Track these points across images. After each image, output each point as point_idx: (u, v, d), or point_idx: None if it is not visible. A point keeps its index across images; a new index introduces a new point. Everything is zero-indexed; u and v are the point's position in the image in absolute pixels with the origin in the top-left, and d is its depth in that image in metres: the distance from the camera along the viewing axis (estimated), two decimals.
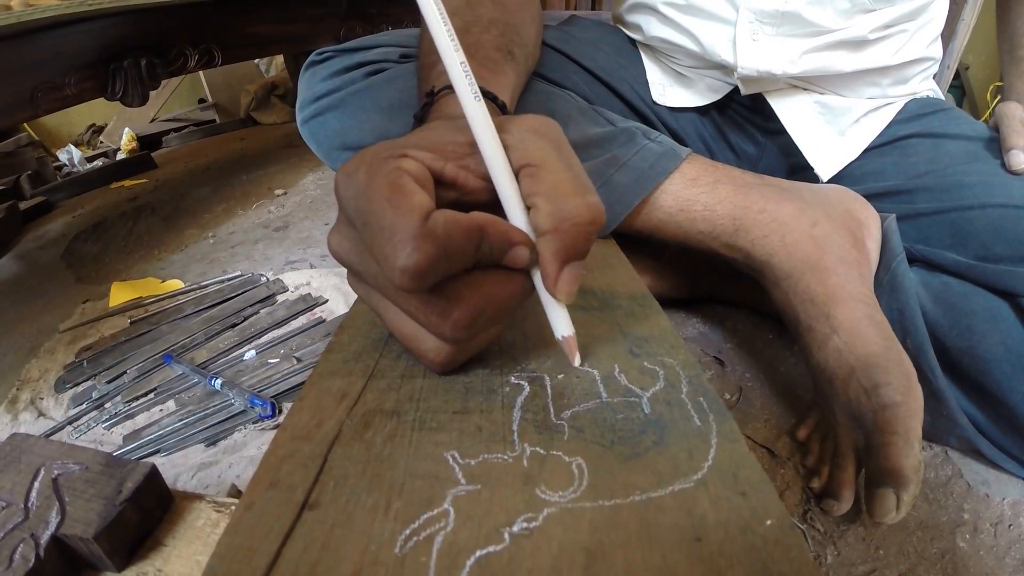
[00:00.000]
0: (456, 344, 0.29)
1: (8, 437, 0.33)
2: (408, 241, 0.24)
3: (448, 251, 0.25)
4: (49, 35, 0.90)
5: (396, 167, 0.27)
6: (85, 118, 2.61)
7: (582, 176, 0.29)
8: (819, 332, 0.51)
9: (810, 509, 0.52)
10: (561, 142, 0.30)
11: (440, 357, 0.30)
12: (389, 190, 0.26)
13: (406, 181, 0.26)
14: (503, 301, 0.29)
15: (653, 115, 0.74)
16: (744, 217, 0.54)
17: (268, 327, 0.84)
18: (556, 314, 0.31)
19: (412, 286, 0.25)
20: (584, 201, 0.28)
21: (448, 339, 0.29)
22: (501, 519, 0.22)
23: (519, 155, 0.29)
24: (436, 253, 0.25)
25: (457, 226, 0.26)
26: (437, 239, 0.25)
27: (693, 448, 0.26)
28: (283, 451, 0.26)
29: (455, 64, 0.29)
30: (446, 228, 0.25)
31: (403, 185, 0.26)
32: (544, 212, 0.28)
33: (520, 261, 0.28)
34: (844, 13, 0.61)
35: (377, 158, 0.27)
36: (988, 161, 0.59)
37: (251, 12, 1.27)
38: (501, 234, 0.27)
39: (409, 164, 0.27)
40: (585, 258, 0.29)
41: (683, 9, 0.67)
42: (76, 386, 0.77)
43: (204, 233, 1.22)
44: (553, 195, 0.28)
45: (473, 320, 0.28)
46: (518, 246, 0.28)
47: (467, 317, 0.27)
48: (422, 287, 0.26)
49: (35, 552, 0.27)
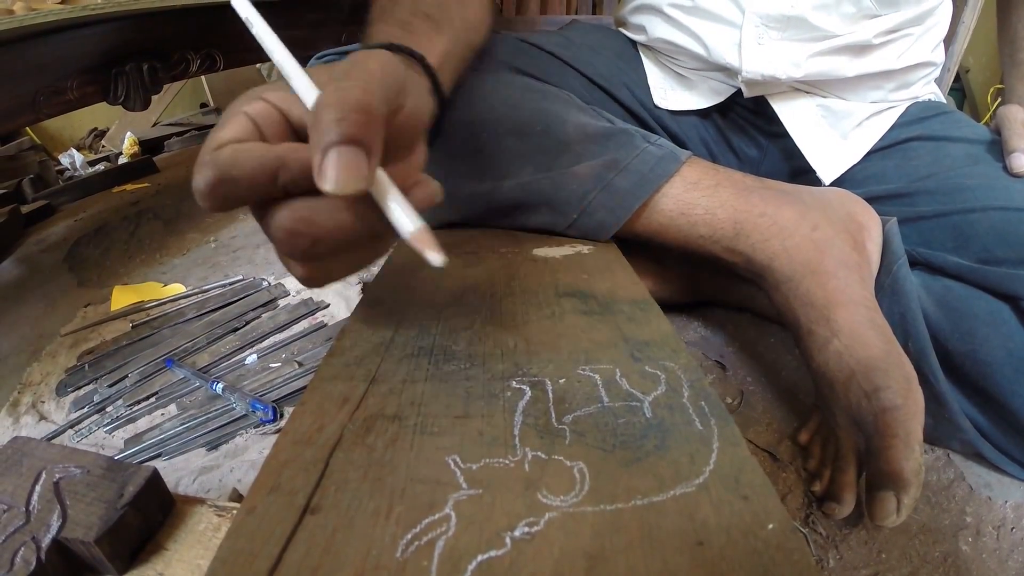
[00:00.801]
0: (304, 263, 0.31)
1: (9, 440, 0.33)
2: (197, 166, 0.27)
3: (233, 176, 0.26)
4: (51, 39, 0.90)
5: (239, 109, 0.29)
6: (87, 122, 2.61)
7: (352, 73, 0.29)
8: (819, 336, 0.51)
9: (812, 513, 0.52)
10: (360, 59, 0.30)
11: (296, 272, 0.31)
12: (216, 128, 0.29)
13: (234, 119, 0.29)
14: (332, 228, 0.28)
15: (652, 120, 0.74)
16: (745, 221, 0.54)
17: (270, 331, 0.84)
18: (393, 211, 0.28)
19: (204, 205, 0.27)
20: (332, 87, 0.27)
21: (291, 257, 0.30)
22: (503, 524, 0.22)
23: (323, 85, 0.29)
24: (216, 178, 0.26)
25: (247, 154, 0.27)
26: (218, 165, 0.26)
27: (695, 452, 0.26)
28: (284, 455, 0.26)
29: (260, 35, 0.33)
30: (233, 156, 0.27)
31: (225, 123, 0.29)
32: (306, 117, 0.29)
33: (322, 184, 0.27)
34: (849, 18, 0.61)
35: (237, 102, 0.30)
36: (989, 164, 0.59)
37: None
38: (301, 161, 0.27)
39: (254, 107, 0.30)
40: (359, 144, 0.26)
41: (689, 11, 0.68)
42: (77, 390, 0.77)
43: (206, 237, 1.22)
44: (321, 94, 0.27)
45: (293, 242, 0.28)
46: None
47: (283, 238, 0.28)
48: (212, 208, 0.28)
49: (36, 556, 0.27)
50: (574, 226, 0.55)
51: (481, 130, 0.55)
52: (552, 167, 0.55)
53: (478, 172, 0.56)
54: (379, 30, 0.45)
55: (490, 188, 0.56)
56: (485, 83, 0.58)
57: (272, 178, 0.27)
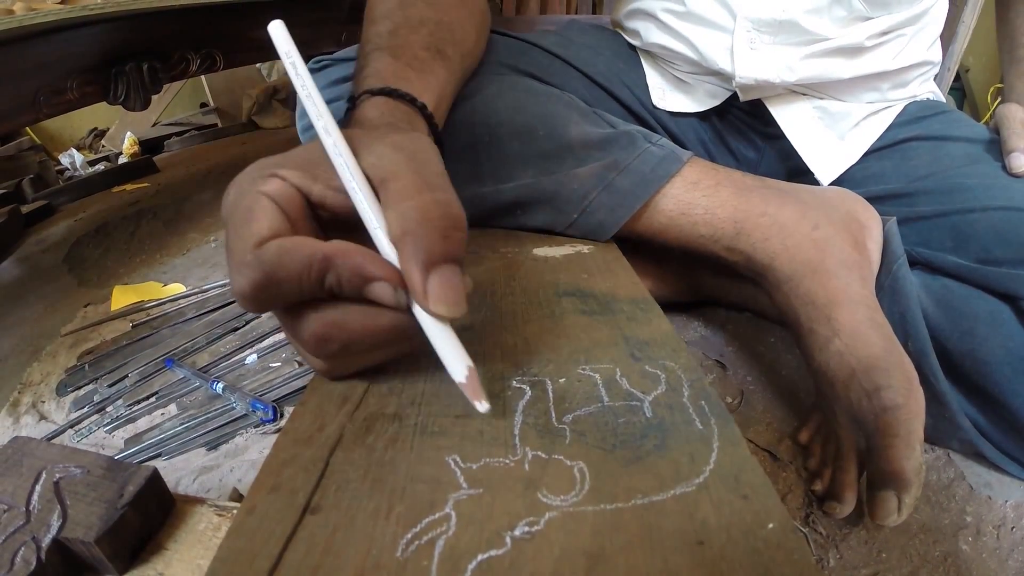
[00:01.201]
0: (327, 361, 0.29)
1: (10, 440, 0.33)
2: (237, 266, 0.25)
3: (278, 278, 0.25)
4: (51, 39, 0.90)
5: (257, 191, 0.27)
6: (87, 122, 2.61)
7: (434, 178, 0.28)
8: (820, 335, 0.51)
9: (812, 512, 0.52)
10: (418, 152, 0.29)
11: (316, 366, 0.30)
12: (242, 216, 0.26)
13: (261, 206, 0.26)
14: (364, 335, 0.27)
15: (653, 120, 0.74)
16: (745, 220, 0.54)
17: (270, 331, 0.84)
18: (445, 349, 0.27)
19: (245, 307, 0.26)
20: (428, 196, 0.26)
21: (316, 356, 0.29)
22: (503, 523, 0.22)
23: (375, 173, 0.28)
24: (261, 280, 0.25)
25: (292, 254, 0.25)
26: (263, 266, 0.25)
27: (695, 452, 0.26)
28: (285, 455, 0.26)
29: (303, 95, 0.30)
30: (278, 256, 0.25)
31: (253, 210, 0.26)
32: (392, 220, 0.26)
33: (383, 298, 0.26)
34: (841, 21, 0.61)
35: (248, 178, 0.28)
36: (989, 163, 0.59)
37: (252, 16, 1.27)
38: (352, 267, 0.26)
39: (272, 186, 0.27)
40: (459, 263, 0.26)
41: (681, 16, 0.67)
42: (78, 389, 0.77)
43: (206, 237, 1.22)
44: (400, 199, 0.26)
45: (323, 346, 0.27)
46: (377, 282, 0.26)
47: (313, 342, 0.27)
48: (255, 310, 0.26)
49: (36, 555, 0.27)
50: (575, 226, 0.55)
51: (484, 133, 0.55)
52: (554, 171, 0.55)
53: (480, 174, 0.55)
54: (386, 65, 0.43)
55: (492, 190, 0.56)
56: (488, 86, 0.58)
57: (319, 280, 0.26)
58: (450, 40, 0.51)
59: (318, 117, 0.29)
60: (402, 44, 0.46)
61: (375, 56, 0.44)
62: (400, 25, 0.48)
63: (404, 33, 0.47)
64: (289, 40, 0.31)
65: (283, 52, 0.31)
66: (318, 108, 0.30)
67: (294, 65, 0.31)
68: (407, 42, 0.47)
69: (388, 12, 0.49)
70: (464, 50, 0.54)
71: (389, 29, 0.48)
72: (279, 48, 0.31)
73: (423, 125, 0.41)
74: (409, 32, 0.48)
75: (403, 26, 0.48)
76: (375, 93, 0.40)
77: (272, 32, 0.31)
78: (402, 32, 0.47)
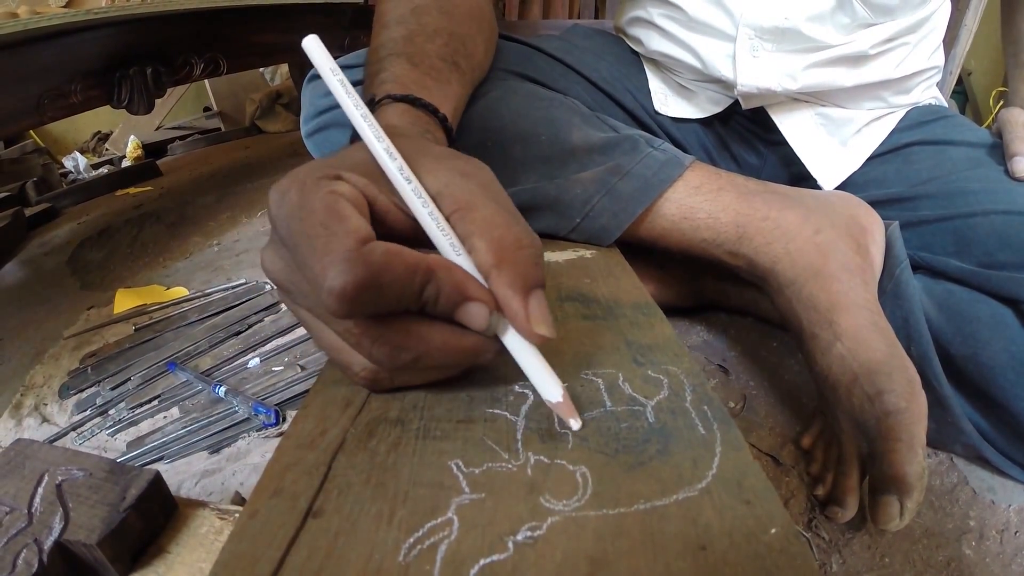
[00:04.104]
0: (386, 370, 0.28)
1: (12, 443, 0.33)
2: (340, 262, 0.23)
3: (383, 281, 0.24)
4: (55, 43, 0.90)
5: (331, 189, 0.26)
6: (91, 125, 2.62)
7: (511, 207, 0.28)
8: (822, 339, 0.51)
9: (815, 517, 0.52)
10: (488, 182, 0.29)
11: (361, 372, 0.29)
12: (325, 213, 0.25)
13: (343, 205, 0.26)
14: (441, 352, 0.27)
15: (655, 125, 0.74)
16: (747, 224, 0.54)
17: (272, 335, 0.84)
18: (539, 372, 0.27)
19: (340, 309, 0.24)
20: (520, 228, 0.27)
21: (378, 364, 0.28)
22: (505, 528, 0.22)
23: (448, 201, 0.28)
24: (368, 279, 0.24)
25: (399, 259, 0.25)
26: (371, 265, 0.24)
27: (697, 457, 0.26)
28: (287, 459, 0.26)
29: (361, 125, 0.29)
30: (385, 257, 0.24)
31: (339, 209, 0.26)
32: (484, 248, 0.27)
33: (476, 322, 0.26)
34: (844, 28, 0.61)
35: (311, 178, 0.27)
36: (991, 167, 0.59)
37: (256, 21, 1.28)
38: (454, 283, 0.26)
39: (344, 187, 0.27)
40: (544, 288, 0.27)
41: (683, 24, 0.68)
42: (80, 392, 0.78)
43: (209, 241, 1.22)
44: (488, 229, 0.27)
45: (396, 356, 0.26)
46: (475, 302, 0.26)
47: (388, 350, 0.26)
48: (350, 312, 0.24)
49: (38, 558, 0.27)
50: (577, 230, 0.55)
51: (487, 137, 0.56)
52: (557, 175, 0.55)
53: None
54: (405, 71, 0.43)
55: None
56: (490, 90, 0.58)
57: (419, 291, 0.25)
58: (463, 52, 0.51)
59: (378, 139, 0.28)
60: (419, 52, 0.46)
61: (392, 61, 0.44)
62: (415, 32, 0.48)
63: (420, 41, 0.47)
64: (328, 56, 0.29)
65: (326, 69, 0.29)
66: (377, 130, 0.29)
67: (343, 83, 0.29)
68: (424, 51, 0.47)
69: (402, 18, 0.49)
70: (474, 63, 0.54)
71: (404, 35, 0.48)
72: (320, 66, 0.29)
73: (442, 136, 0.41)
74: (425, 41, 0.48)
75: (418, 34, 0.48)
76: (397, 99, 0.40)
77: (307, 49, 0.30)
78: (418, 40, 0.47)
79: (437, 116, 0.41)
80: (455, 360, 0.28)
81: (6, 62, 0.84)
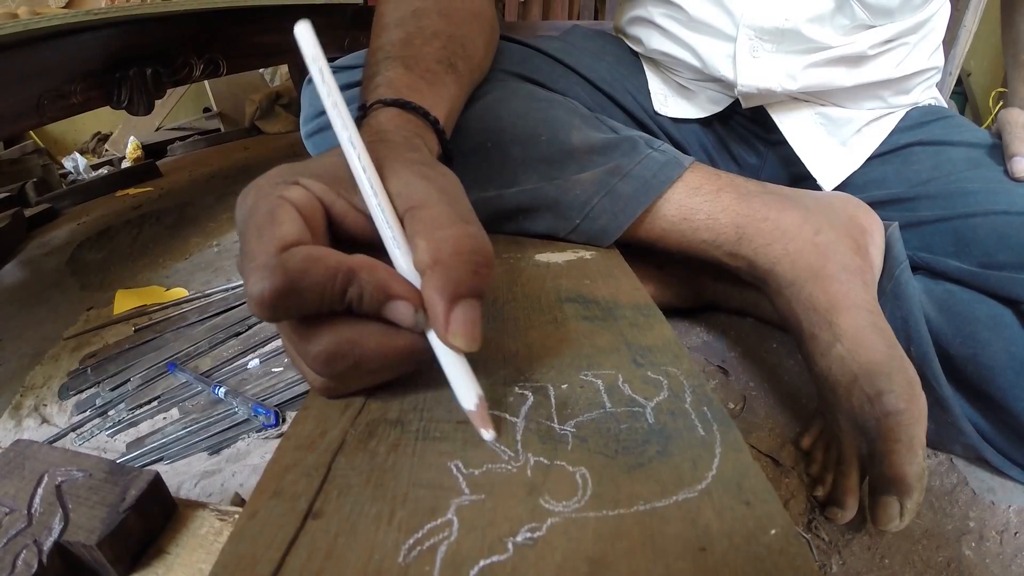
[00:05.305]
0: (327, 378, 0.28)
1: (12, 443, 0.33)
2: (258, 269, 0.24)
3: (301, 286, 0.24)
4: (55, 43, 0.90)
5: (279, 195, 0.27)
6: (91, 126, 2.62)
7: (464, 211, 0.28)
8: (822, 340, 0.51)
9: (815, 518, 0.52)
10: (449, 186, 0.29)
11: (315, 383, 0.29)
12: (263, 219, 0.26)
13: (283, 211, 0.26)
14: (378, 355, 0.27)
15: (655, 125, 0.74)
16: (747, 225, 0.54)
17: (272, 336, 0.84)
18: (457, 378, 0.27)
19: (260, 314, 0.24)
20: (463, 229, 0.26)
21: (321, 375, 0.28)
22: (505, 529, 0.22)
23: (402, 201, 0.28)
24: (284, 286, 0.24)
25: (319, 263, 0.25)
26: (287, 272, 0.24)
27: (697, 458, 0.26)
28: (287, 460, 0.26)
29: (331, 111, 0.29)
30: (303, 263, 0.24)
31: (276, 215, 0.26)
32: (423, 247, 0.26)
33: (401, 318, 0.26)
34: (844, 30, 0.61)
35: (269, 183, 0.27)
36: (991, 168, 0.59)
37: (256, 22, 1.28)
38: (377, 282, 0.26)
39: (295, 193, 0.27)
40: (482, 298, 0.26)
41: (683, 23, 0.68)
42: (80, 393, 0.78)
43: (208, 242, 1.22)
44: (431, 229, 0.26)
45: (332, 364, 0.26)
46: (399, 300, 0.26)
47: (323, 359, 0.26)
48: (271, 317, 0.25)
49: (38, 559, 0.27)
50: (577, 231, 0.55)
51: (486, 138, 0.56)
52: (556, 176, 0.55)
53: (483, 180, 0.56)
54: (399, 75, 0.43)
55: (494, 195, 0.56)
56: (490, 91, 0.58)
57: (342, 292, 0.25)
58: (462, 54, 0.51)
59: (343, 128, 0.29)
60: (415, 55, 0.46)
61: (387, 65, 0.44)
62: (413, 35, 0.48)
63: (418, 44, 0.47)
64: (316, 43, 0.30)
65: (309, 56, 0.30)
66: (343, 119, 0.29)
67: (321, 71, 0.30)
68: (420, 54, 0.47)
69: (401, 20, 0.49)
70: (473, 64, 0.54)
71: (402, 38, 0.47)
72: (305, 51, 0.30)
73: (434, 139, 0.41)
74: (423, 44, 0.48)
75: (416, 36, 0.48)
76: (388, 104, 0.40)
77: (298, 34, 0.30)
78: (415, 43, 0.47)
79: (428, 119, 0.41)
80: (393, 361, 0.28)
81: (6, 62, 0.84)
